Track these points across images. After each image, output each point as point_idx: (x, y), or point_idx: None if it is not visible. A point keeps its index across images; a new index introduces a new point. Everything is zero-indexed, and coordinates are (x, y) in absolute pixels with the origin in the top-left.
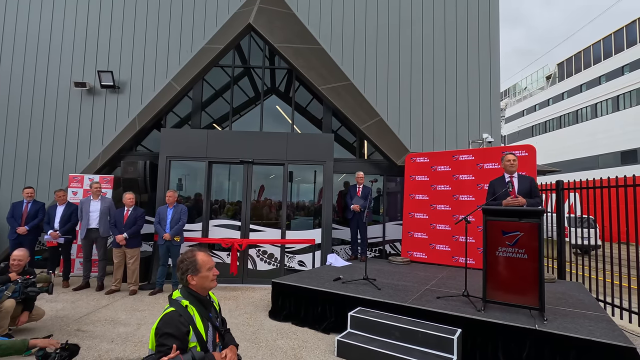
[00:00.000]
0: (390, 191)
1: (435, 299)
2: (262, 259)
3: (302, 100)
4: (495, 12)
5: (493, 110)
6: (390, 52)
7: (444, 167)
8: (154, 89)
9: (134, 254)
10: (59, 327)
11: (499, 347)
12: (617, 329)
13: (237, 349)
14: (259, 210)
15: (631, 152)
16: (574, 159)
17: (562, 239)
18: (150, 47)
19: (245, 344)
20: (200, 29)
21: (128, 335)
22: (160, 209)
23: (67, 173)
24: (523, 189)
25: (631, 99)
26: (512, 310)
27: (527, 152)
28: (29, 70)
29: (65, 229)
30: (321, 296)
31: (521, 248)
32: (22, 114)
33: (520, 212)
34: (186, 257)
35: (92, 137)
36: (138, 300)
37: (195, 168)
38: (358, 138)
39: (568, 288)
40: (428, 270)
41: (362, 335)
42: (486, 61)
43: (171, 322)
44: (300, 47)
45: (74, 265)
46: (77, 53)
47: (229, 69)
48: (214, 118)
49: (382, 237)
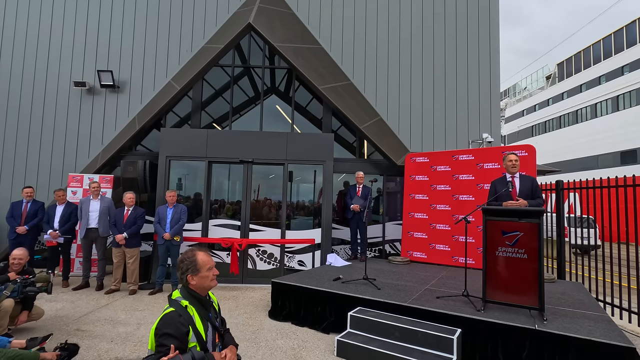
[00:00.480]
0: (390, 191)
1: (435, 299)
2: (261, 259)
3: (302, 100)
4: (495, 12)
5: (493, 110)
6: (390, 52)
7: (444, 167)
8: (153, 89)
9: (133, 253)
10: (59, 327)
11: (498, 347)
12: (617, 329)
13: (236, 349)
14: (259, 210)
15: (631, 152)
16: (573, 159)
17: (561, 239)
18: (150, 47)
19: (245, 344)
20: (200, 28)
21: (128, 334)
22: (160, 209)
23: (67, 173)
24: (525, 189)
25: (631, 99)
26: (512, 310)
27: (527, 152)
28: (28, 69)
29: (64, 229)
30: (321, 296)
31: (521, 248)
32: (22, 113)
33: (520, 212)
34: (186, 257)
35: (91, 137)
36: (138, 300)
37: (195, 168)
38: (358, 138)
39: (568, 288)
40: (428, 270)
41: (362, 335)
42: (486, 61)
43: (171, 322)
44: (300, 46)
45: (73, 264)
46: (76, 52)
47: (229, 68)
48: (214, 118)
49: (381, 237)
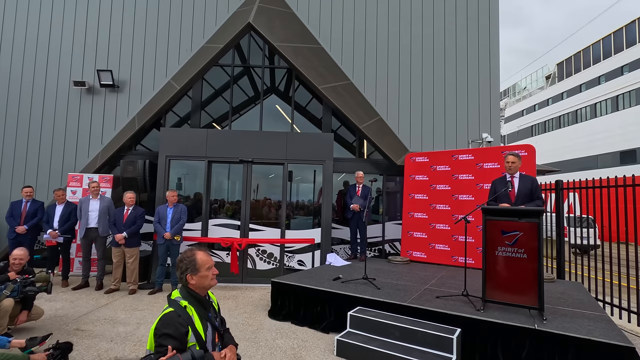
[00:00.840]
0: (390, 191)
1: (434, 299)
2: (261, 259)
3: (301, 100)
4: (495, 12)
5: (492, 110)
6: (390, 51)
7: (444, 167)
8: (153, 88)
9: (133, 253)
10: (58, 327)
11: (498, 347)
12: (616, 328)
13: (236, 349)
14: (259, 209)
15: (630, 152)
16: (573, 158)
17: (561, 238)
18: (150, 46)
19: (244, 344)
20: (200, 28)
21: (127, 334)
22: (160, 208)
23: (66, 172)
24: (524, 189)
25: (630, 99)
26: (512, 310)
27: (526, 151)
28: (27, 69)
29: (64, 228)
30: (321, 296)
31: (520, 248)
32: (21, 113)
33: (519, 211)
34: (185, 257)
35: (91, 136)
36: (137, 299)
37: (194, 167)
38: (358, 138)
39: (567, 288)
40: (427, 270)
41: (362, 335)
42: (486, 61)
43: (170, 322)
44: (300, 46)
45: (73, 264)
46: (76, 52)
47: (229, 68)
48: (214, 117)
49: (381, 237)
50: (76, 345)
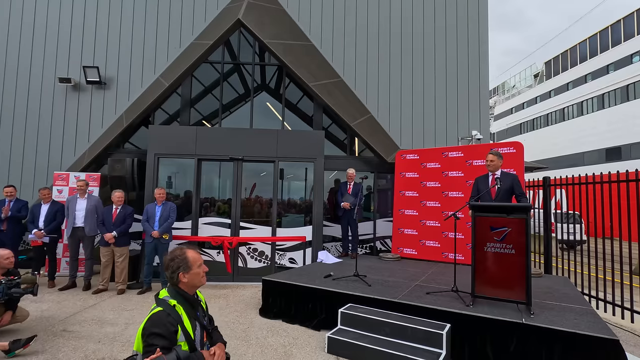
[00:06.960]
0: (381, 188)
1: (424, 295)
2: (252, 257)
3: (292, 97)
4: (484, 11)
5: (482, 108)
6: (380, 49)
7: (434, 164)
8: (141, 85)
9: (122, 252)
10: (44, 328)
11: (487, 341)
12: (601, 321)
13: (225, 346)
14: (250, 207)
15: (615, 150)
16: (560, 156)
17: (548, 234)
18: (138, 42)
19: (235, 342)
20: (189, 24)
21: (115, 335)
22: (149, 207)
23: (52, 171)
24: (505, 186)
25: (616, 97)
26: (500, 305)
27: (515, 149)
28: (11, 66)
29: (50, 228)
30: (312, 293)
31: (509, 243)
32: (5, 110)
33: (508, 207)
34: (176, 255)
35: (77, 134)
36: (126, 299)
37: (184, 165)
38: (349, 135)
39: (554, 282)
40: (418, 267)
41: (353, 332)
42: (475, 60)
43: (160, 321)
44: (290, 43)
45: (60, 264)
46: (61, 48)
47: (219, 65)
48: (203, 115)
49: (372, 234)
50: (63, 347)
